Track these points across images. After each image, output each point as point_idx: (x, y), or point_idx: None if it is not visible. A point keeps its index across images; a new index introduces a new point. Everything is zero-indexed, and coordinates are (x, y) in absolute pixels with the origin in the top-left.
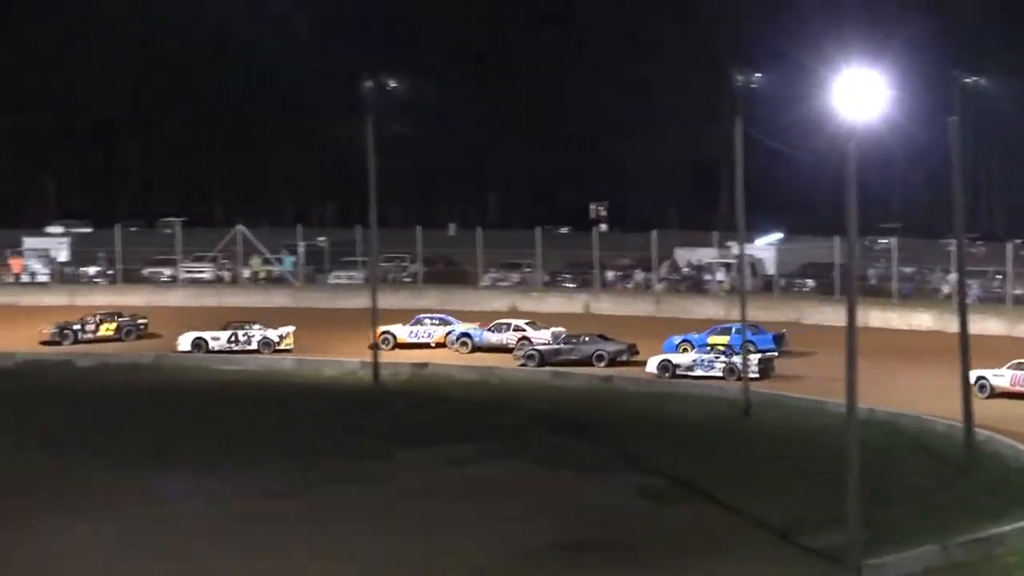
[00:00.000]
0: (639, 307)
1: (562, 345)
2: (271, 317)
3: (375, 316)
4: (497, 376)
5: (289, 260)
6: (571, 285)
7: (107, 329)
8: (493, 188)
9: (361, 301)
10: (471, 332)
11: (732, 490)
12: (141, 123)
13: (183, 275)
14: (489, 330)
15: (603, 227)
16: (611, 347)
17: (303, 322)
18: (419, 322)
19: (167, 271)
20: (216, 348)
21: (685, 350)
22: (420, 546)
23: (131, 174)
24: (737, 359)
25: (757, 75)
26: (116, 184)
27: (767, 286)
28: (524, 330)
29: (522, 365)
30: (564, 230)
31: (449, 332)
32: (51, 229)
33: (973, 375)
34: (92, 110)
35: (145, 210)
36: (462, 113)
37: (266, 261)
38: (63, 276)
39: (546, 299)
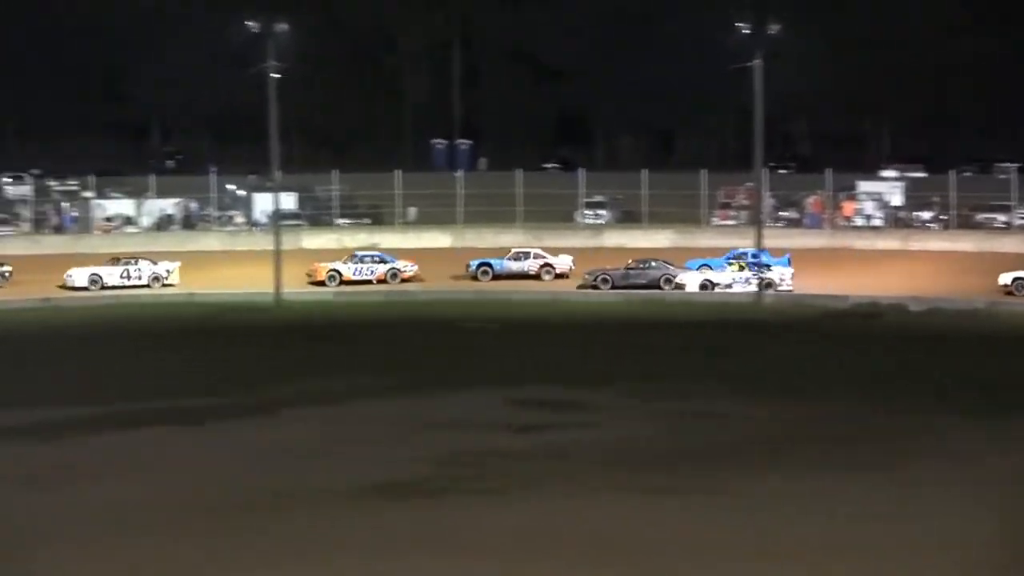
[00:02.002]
0: None
1: (630, 270)
2: None
3: None
4: None
5: None
6: None
7: None
8: None
9: None
10: (491, 261)
11: None
12: (976, 66)
13: (1017, 221)
14: (510, 259)
15: None
16: (676, 271)
17: None
18: (360, 260)
19: (1001, 217)
20: (111, 284)
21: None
22: None
23: (964, 118)
24: (771, 274)
25: None
26: (950, 128)
27: None
28: (544, 257)
29: (592, 288)
30: None
31: (389, 269)
32: (885, 173)
33: None
34: (931, 53)
35: (980, 155)
36: None
37: None
38: (896, 220)
39: None
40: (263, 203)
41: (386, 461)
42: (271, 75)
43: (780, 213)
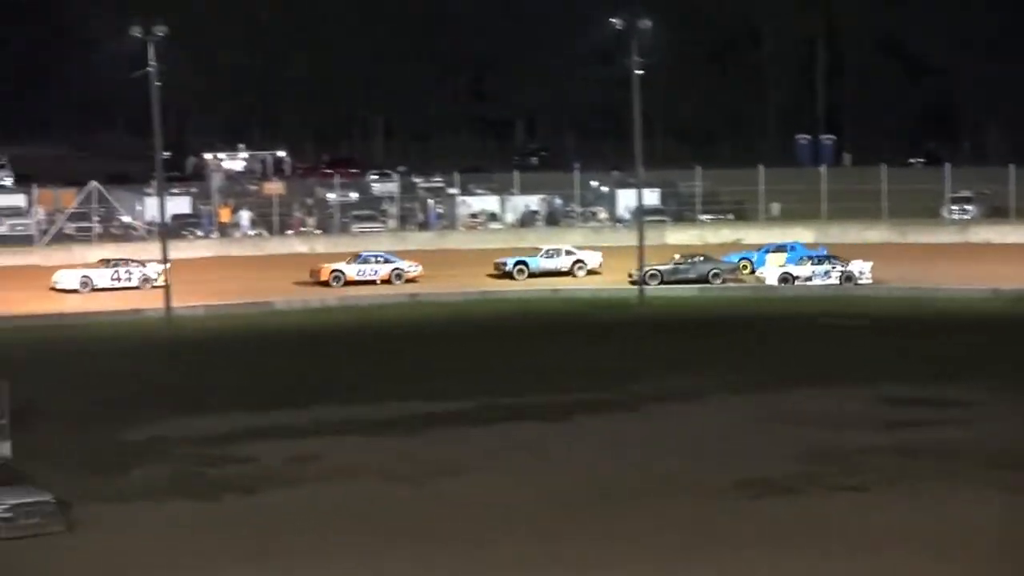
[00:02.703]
0: None
1: (679, 265)
2: None
3: None
4: None
5: None
6: None
7: None
8: None
9: None
10: (527, 260)
11: None
12: None
13: None
14: (543, 256)
15: None
16: (724, 266)
17: None
18: (365, 260)
19: None
20: (101, 286)
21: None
22: None
23: None
24: (852, 267)
25: None
26: None
27: None
28: (574, 253)
29: (640, 283)
30: None
31: (393, 270)
32: None
33: None
34: None
35: None
36: None
37: None
38: None
39: None
40: (626, 199)
41: (749, 457)
42: (635, 72)
43: None
